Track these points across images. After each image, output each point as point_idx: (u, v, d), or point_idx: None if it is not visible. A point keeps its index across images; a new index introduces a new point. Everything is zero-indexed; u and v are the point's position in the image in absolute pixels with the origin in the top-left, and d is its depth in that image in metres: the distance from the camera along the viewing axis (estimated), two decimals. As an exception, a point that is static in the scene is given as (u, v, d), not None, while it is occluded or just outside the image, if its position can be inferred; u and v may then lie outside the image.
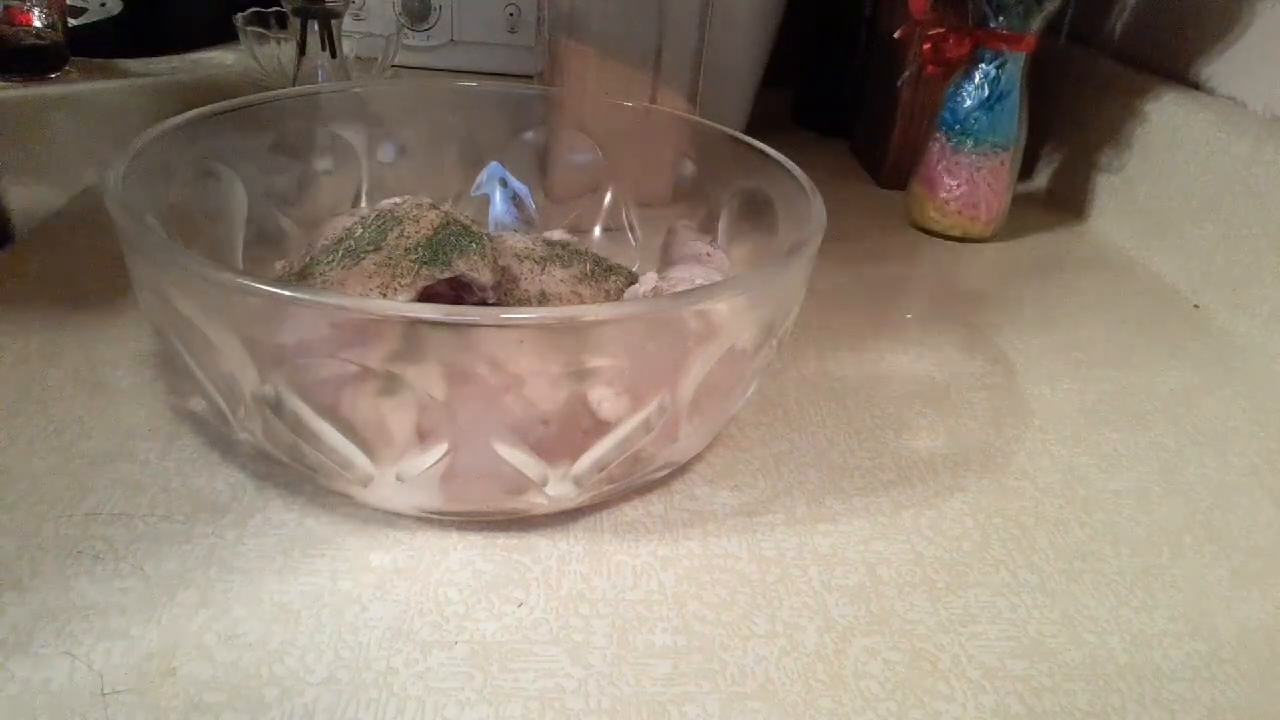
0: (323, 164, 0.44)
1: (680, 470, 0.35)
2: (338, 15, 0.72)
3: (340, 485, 0.30)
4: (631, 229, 0.48)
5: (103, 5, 0.80)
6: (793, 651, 0.28)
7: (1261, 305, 0.51)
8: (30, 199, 0.52)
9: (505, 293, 0.36)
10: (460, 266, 0.33)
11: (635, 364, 0.28)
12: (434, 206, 0.37)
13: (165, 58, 0.84)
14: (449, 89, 0.48)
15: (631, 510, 0.33)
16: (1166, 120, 0.61)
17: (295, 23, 0.71)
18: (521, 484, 0.29)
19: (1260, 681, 0.29)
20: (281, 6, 0.73)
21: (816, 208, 0.34)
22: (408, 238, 0.34)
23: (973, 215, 0.62)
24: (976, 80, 0.59)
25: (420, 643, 0.27)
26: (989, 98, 0.59)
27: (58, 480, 0.32)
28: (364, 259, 0.33)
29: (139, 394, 0.37)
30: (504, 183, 0.49)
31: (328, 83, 0.66)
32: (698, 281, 0.37)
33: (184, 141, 0.35)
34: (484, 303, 0.35)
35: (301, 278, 0.34)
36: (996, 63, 0.59)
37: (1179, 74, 0.64)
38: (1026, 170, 0.73)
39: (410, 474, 0.28)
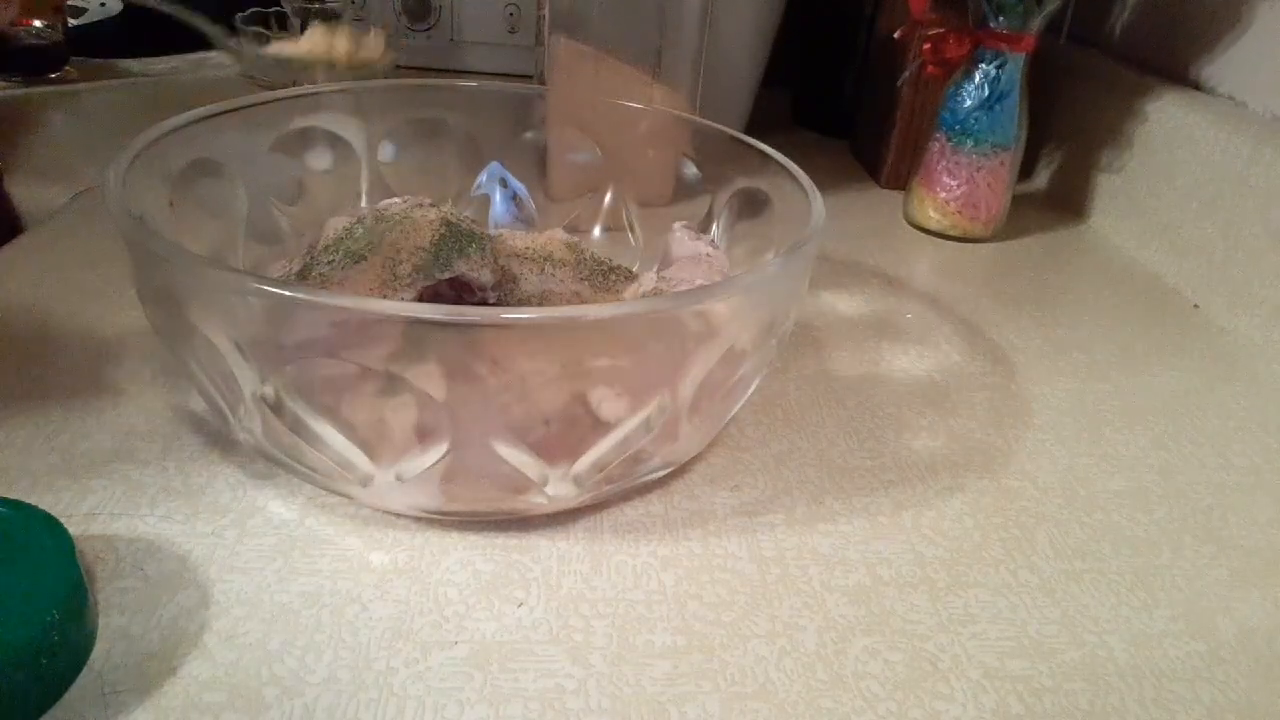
0: (323, 164, 0.44)
1: (680, 470, 0.35)
2: (337, 15, 0.72)
3: (340, 485, 0.30)
4: (631, 229, 0.48)
5: (103, 5, 0.80)
6: (793, 651, 0.28)
7: (1261, 305, 0.51)
8: (30, 199, 0.52)
9: (505, 293, 0.36)
10: (460, 266, 0.33)
11: (635, 364, 0.28)
12: (434, 206, 0.37)
13: (165, 58, 0.84)
14: (449, 89, 0.48)
15: (631, 510, 0.33)
16: (1166, 120, 0.61)
17: (295, 23, 0.71)
18: (521, 484, 0.29)
19: (1260, 681, 0.29)
20: (281, 6, 0.74)
21: (816, 208, 0.34)
22: (408, 238, 0.34)
23: (973, 215, 0.62)
24: (976, 80, 0.59)
25: (420, 643, 0.27)
26: (989, 98, 0.59)
27: (58, 480, 0.32)
28: (364, 259, 0.33)
29: (139, 394, 0.37)
30: (504, 183, 0.49)
31: (327, 83, 0.66)
32: (698, 281, 0.37)
33: (184, 141, 0.35)
34: (484, 303, 0.35)
35: (301, 278, 0.34)
36: (996, 63, 0.59)
37: (1179, 74, 0.64)
38: (1026, 170, 0.72)
39: (410, 474, 0.28)
